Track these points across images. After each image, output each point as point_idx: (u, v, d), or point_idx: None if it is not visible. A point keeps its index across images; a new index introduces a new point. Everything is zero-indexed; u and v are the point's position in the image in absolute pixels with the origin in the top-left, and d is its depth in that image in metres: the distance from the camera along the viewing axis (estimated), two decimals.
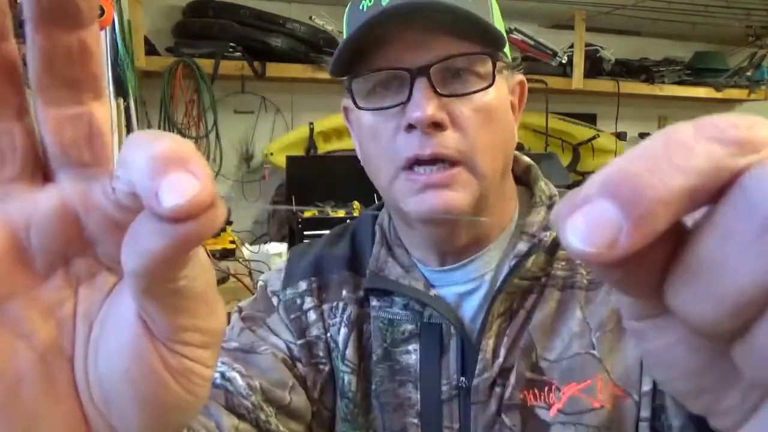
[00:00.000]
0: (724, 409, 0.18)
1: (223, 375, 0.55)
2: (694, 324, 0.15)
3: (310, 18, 2.35)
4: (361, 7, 0.54)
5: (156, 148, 0.17)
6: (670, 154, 0.15)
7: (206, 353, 0.22)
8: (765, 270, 0.13)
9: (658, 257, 0.16)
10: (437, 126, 0.51)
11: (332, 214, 2.18)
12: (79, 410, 0.22)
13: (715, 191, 0.15)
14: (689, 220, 0.16)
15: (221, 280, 1.71)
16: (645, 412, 0.52)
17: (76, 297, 0.22)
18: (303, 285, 0.65)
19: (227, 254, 1.99)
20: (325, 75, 2.37)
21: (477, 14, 0.52)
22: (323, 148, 2.51)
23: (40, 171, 0.22)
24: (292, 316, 0.63)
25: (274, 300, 0.65)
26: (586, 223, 0.15)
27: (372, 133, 0.55)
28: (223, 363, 0.56)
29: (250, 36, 2.28)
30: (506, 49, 0.59)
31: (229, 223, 2.21)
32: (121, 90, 2.15)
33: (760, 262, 0.13)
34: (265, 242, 2.17)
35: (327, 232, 0.71)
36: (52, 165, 0.21)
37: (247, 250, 1.96)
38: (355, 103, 0.55)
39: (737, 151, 0.15)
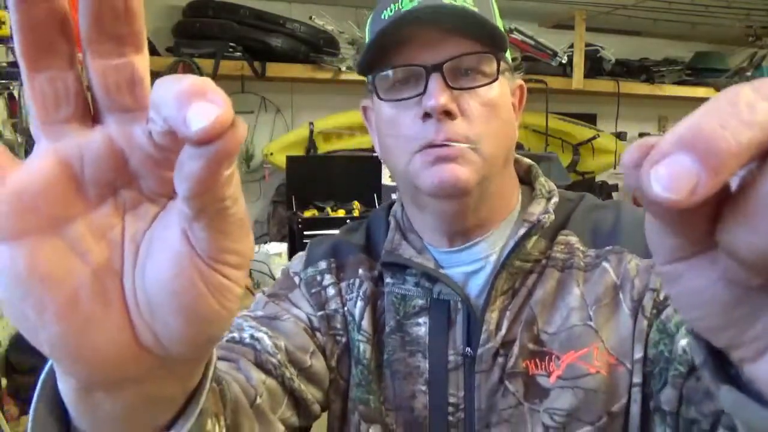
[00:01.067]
0: (749, 339, 0.20)
1: (252, 335, 0.60)
2: (744, 255, 0.18)
3: (310, 18, 2.36)
4: (382, 16, 0.62)
5: (179, 85, 0.20)
6: (737, 111, 0.17)
7: (239, 273, 0.25)
8: None
9: (713, 201, 0.18)
10: (449, 114, 0.58)
11: (332, 214, 2.18)
12: (127, 318, 0.25)
13: None
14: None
15: None
16: (637, 378, 0.58)
17: (123, 222, 0.25)
18: (323, 264, 0.71)
19: None
20: (325, 75, 2.37)
21: (484, 16, 0.59)
22: (323, 148, 2.52)
23: (90, 114, 0.25)
24: (313, 291, 0.70)
25: (296, 279, 0.72)
26: (668, 174, 0.17)
27: (392, 122, 0.62)
28: (250, 326, 0.62)
29: (250, 36, 2.28)
30: (507, 54, 0.66)
31: None
32: None
33: None
34: (265, 242, 2.18)
35: (327, 232, 0.76)
36: (101, 109, 0.24)
37: None
38: (378, 95, 0.63)
39: None
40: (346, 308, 0.69)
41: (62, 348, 0.24)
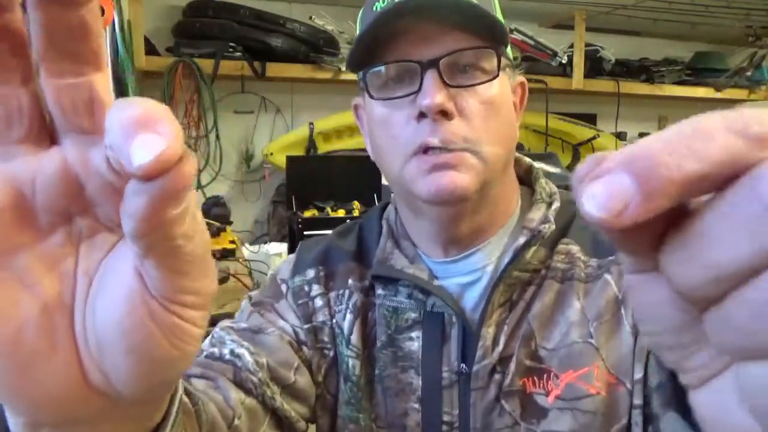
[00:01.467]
0: (692, 366, 0.20)
1: (232, 351, 0.58)
2: (678, 285, 0.17)
3: (310, 18, 2.36)
4: (374, 8, 0.57)
5: (127, 112, 0.19)
6: (691, 139, 0.16)
7: (197, 314, 0.23)
8: (751, 250, 0.15)
9: (659, 225, 0.17)
10: (445, 114, 0.54)
11: (332, 214, 2.18)
12: (75, 356, 0.23)
13: (727, 180, 0.16)
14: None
15: (221, 281, 1.71)
16: (637, 400, 0.54)
17: (77, 253, 0.24)
18: (311, 273, 0.67)
19: (227, 254, 1.99)
20: (325, 75, 2.37)
21: (483, 9, 0.55)
22: (323, 148, 2.52)
23: (46, 135, 0.23)
24: (300, 302, 0.66)
25: (283, 287, 0.68)
26: (602, 192, 0.16)
27: (384, 123, 0.58)
28: (232, 341, 0.59)
29: (250, 36, 2.28)
30: (508, 50, 0.62)
31: (229, 223, 2.21)
32: (121, 90, 2.15)
33: (748, 242, 0.15)
34: (265, 242, 2.18)
35: (327, 232, 0.73)
36: (57, 130, 0.23)
37: (247, 250, 1.96)
38: (369, 94, 0.59)
39: (757, 147, 0.16)
40: (334, 320, 0.65)
41: (4, 385, 0.22)
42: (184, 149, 0.19)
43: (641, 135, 3.37)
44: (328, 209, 2.20)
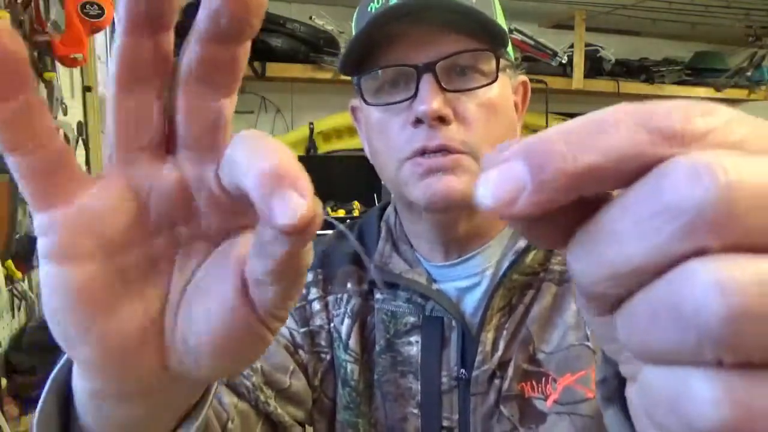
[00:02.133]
0: (625, 359, 0.20)
1: None
2: (577, 280, 0.16)
3: (310, 18, 2.35)
4: (369, 9, 0.56)
5: (266, 163, 0.19)
6: (591, 130, 0.15)
7: (281, 324, 0.25)
8: (649, 247, 0.14)
9: (569, 220, 0.16)
10: (442, 120, 0.53)
11: (332, 214, 2.18)
12: (161, 347, 0.25)
13: (632, 175, 0.15)
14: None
15: None
16: None
17: (175, 257, 0.26)
18: (309, 276, 0.66)
19: None
20: (325, 75, 2.37)
21: (481, 11, 0.54)
22: (323, 148, 2.52)
23: (164, 145, 0.24)
24: (297, 305, 0.65)
25: None
26: (496, 180, 0.16)
27: (380, 128, 0.57)
28: None
29: None
30: (509, 50, 0.61)
31: None
32: None
33: (647, 240, 0.14)
34: None
35: (326, 232, 0.72)
36: (178, 142, 0.24)
37: None
38: (364, 99, 0.58)
39: (662, 141, 0.15)
40: (332, 324, 0.64)
41: (94, 366, 0.24)
42: (317, 200, 0.20)
43: None
44: (328, 209, 2.20)
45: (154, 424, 0.29)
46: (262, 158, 0.20)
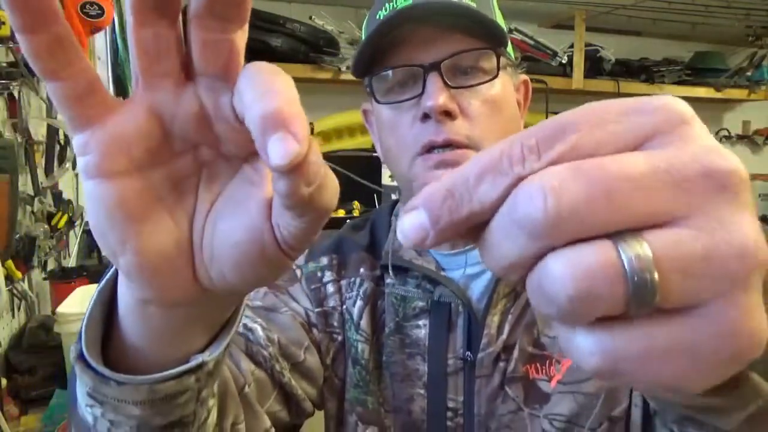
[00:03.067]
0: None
1: (245, 325, 0.60)
2: (492, 272, 0.22)
3: (310, 18, 2.36)
4: (377, 16, 0.60)
5: (266, 104, 0.22)
6: (467, 184, 0.20)
7: (300, 254, 0.27)
8: (516, 249, 0.19)
9: (471, 229, 0.21)
10: (448, 115, 0.57)
11: (332, 214, 2.18)
12: (191, 259, 0.28)
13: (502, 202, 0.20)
14: None
15: None
16: None
17: (200, 176, 0.28)
18: (324, 260, 0.71)
19: None
20: (325, 75, 2.37)
21: (482, 12, 0.57)
22: (323, 148, 2.52)
23: (184, 72, 0.26)
24: (312, 287, 0.69)
25: (297, 272, 0.70)
26: (408, 225, 0.21)
27: (391, 125, 0.61)
28: (246, 316, 0.61)
29: (250, 36, 2.26)
30: (510, 50, 0.64)
31: None
32: (121, 90, 2.15)
33: (513, 245, 0.19)
34: None
35: (327, 231, 0.74)
36: (195, 71, 0.26)
37: None
38: (375, 99, 0.62)
39: (516, 182, 0.19)
40: (344, 306, 0.68)
41: (135, 274, 0.27)
42: (309, 140, 0.22)
43: None
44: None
45: (189, 335, 0.32)
46: (264, 98, 0.22)
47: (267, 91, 0.22)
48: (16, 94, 1.21)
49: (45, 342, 1.18)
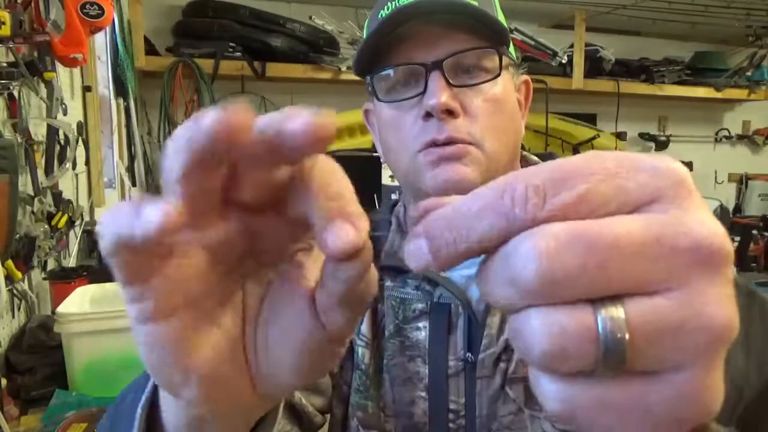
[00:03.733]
0: None
1: None
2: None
3: (310, 18, 2.36)
4: (379, 16, 0.60)
5: (338, 201, 0.22)
6: (467, 218, 0.21)
7: (349, 339, 0.28)
8: (508, 299, 0.20)
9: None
10: (451, 113, 0.57)
11: None
12: (249, 373, 0.28)
13: (502, 241, 0.20)
14: None
15: None
16: None
17: (244, 288, 0.28)
18: None
19: None
20: (325, 75, 2.37)
21: (485, 10, 0.57)
22: None
23: (227, 197, 0.26)
24: None
25: None
26: (412, 252, 0.22)
27: (393, 124, 0.61)
28: None
29: (250, 36, 2.28)
30: (512, 50, 0.64)
31: None
32: (121, 90, 2.15)
33: (505, 291, 0.20)
34: None
35: None
36: (241, 197, 0.26)
37: None
38: (377, 97, 0.61)
39: (517, 227, 0.20)
40: None
41: (200, 401, 0.26)
42: (366, 239, 0.23)
43: (641, 135, 3.37)
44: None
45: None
46: (332, 197, 0.22)
47: (338, 190, 0.23)
48: (16, 94, 1.20)
49: (45, 342, 1.18)
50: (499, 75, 0.59)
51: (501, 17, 0.62)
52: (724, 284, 0.19)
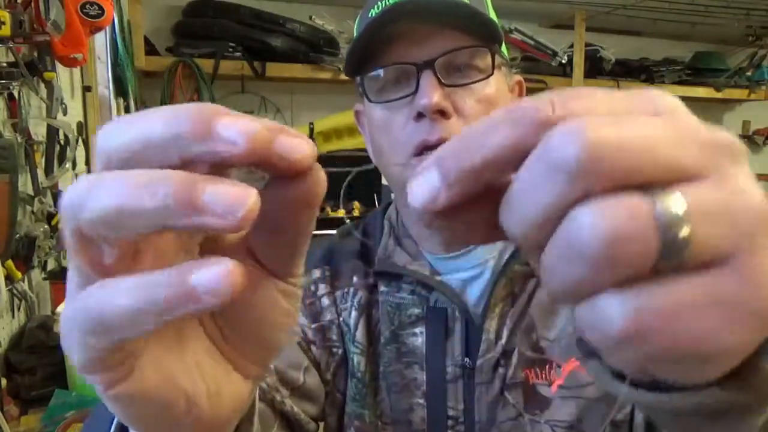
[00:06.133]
0: None
1: None
2: (512, 238, 0.20)
3: (310, 18, 2.36)
4: (369, 15, 0.59)
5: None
6: (479, 134, 0.19)
7: (301, 279, 0.27)
8: (548, 196, 0.18)
9: (488, 212, 0.20)
10: (443, 114, 0.55)
11: (332, 214, 2.18)
12: (236, 372, 0.27)
13: (520, 159, 0.19)
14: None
15: None
16: None
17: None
18: (317, 273, 0.68)
19: None
20: (325, 75, 2.37)
21: (476, 8, 0.56)
22: (323, 148, 2.51)
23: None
24: (307, 302, 0.67)
25: None
26: (418, 186, 0.20)
27: (383, 125, 0.59)
28: None
29: (250, 36, 2.27)
30: (504, 49, 0.63)
31: None
32: (121, 90, 2.15)
33: (546, 191, 0.18)
34: None
35: (326, 232, 0.74)
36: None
37: None
38: (368, 98, 0.60)
39: (534, 130, 0.18)
40: (341, 318, 0.66)
41: (211, 417, 0.25)
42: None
43: None
44: (328, 209, 2.20)
45: None
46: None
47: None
48: (16, 94, 1.20)
49: (45, 342, 1.18)
50: (491, 74, 0.58)
51: (493, 15, 0.61)
52: (749, 175, 0.18)
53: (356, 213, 2.19)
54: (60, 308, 1.11)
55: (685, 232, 0.17)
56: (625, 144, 0.17)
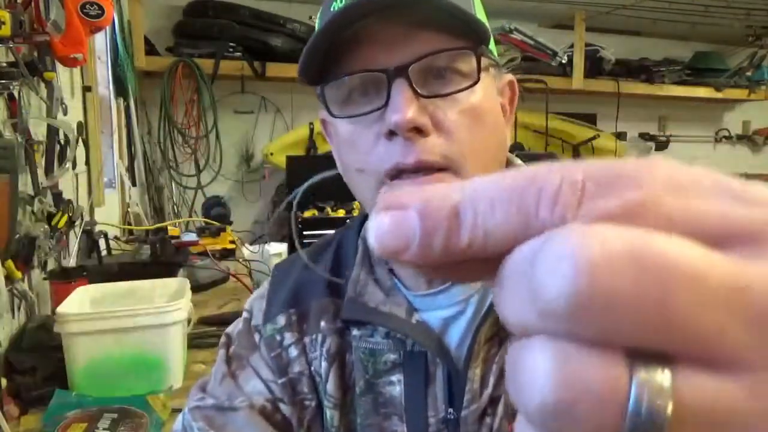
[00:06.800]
0: None
1: None
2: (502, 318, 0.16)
3: (310, 18, 2.36)
4: (331, 8, 0.49)
5: None
6: (473, 205, 0.15)
7: None
8: (517, 316, 0.14)
9: (481, 266, 0.16)
10: (419, 131, 0.46)
11: (332, 214, 2.18)
12: None
13: (511, 245, 0.15)
14: None
15: (221, 280, 1.71)
16: None
17: None
18: (281, 320, 0.61)
19: (227, 254, 1.99)
20: None
21: (458, 5, 0.47)
22: (323, 148, 2.51)
23: None
24: (273, 354, 0.60)
25: (256, 336, 0.62)
26: (388, 227, 0.15)
27: (350, 143, 0.50)
28: (199, 429, 0.56)
29: (250, 36, 2.28)
30: (492, 47, 0.54)
31: (229, 223, 2.21)
32: (121, 90, 2.15)
33: (516, 308, 0.14)
34: (265, 242, 2.17)
35: (327, 232, 0.70)
36: None
37: (247, 250, 1.96)
38: (329, 111, 0.51)
39: (532, 225, 0.14)
40: (312, 368, 0.59)
41: None
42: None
43: (641, 135, 3.37)
44: (328, 209, 2.20)
45: None
46: None
47: None
48: (16, 94, 1.20)
49: (45, 342, 1.18)
50: (477, 81, 0.48)
51: (480, 12, 0.53)
52: None
53: (356, 213, 2.19)
54: (60, 308, 1.10)
55: (659, 420, 0.13)
56: (639, 300, 0.13)
